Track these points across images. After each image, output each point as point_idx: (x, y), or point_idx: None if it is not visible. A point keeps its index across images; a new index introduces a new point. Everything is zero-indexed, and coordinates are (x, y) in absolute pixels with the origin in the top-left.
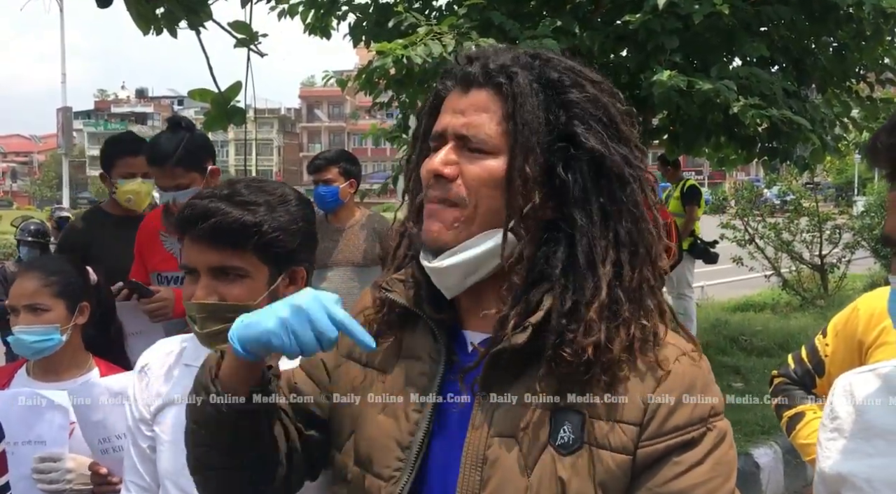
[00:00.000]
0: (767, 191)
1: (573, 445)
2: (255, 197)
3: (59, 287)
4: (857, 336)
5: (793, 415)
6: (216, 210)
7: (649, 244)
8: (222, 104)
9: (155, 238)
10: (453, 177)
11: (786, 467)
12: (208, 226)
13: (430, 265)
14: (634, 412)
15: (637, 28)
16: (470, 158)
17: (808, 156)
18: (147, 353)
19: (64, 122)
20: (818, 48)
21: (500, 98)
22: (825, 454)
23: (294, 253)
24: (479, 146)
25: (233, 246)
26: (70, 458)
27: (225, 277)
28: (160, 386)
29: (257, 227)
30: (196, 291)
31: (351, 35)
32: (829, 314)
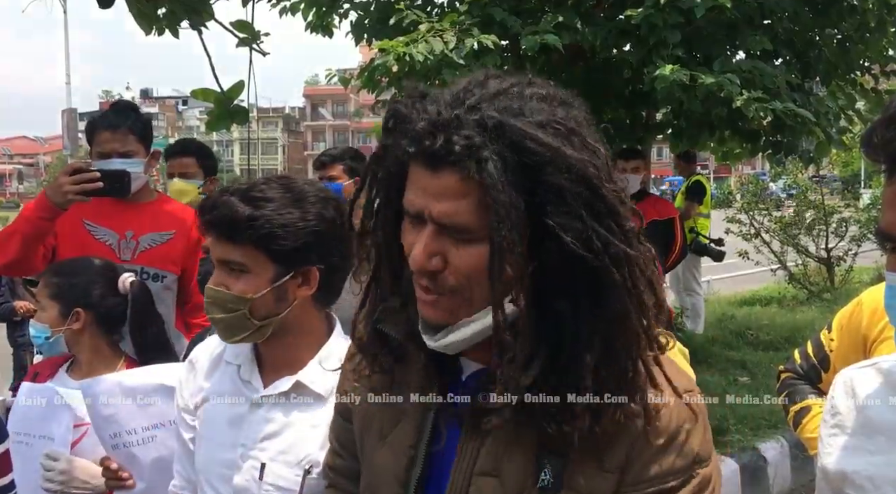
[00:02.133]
0: (773, 184)
1: (552, 489)
2: (270, 192)
3: (54, 289)
4: (861, 330)
5: (799, 410)
6: (224, 202)
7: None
8: (225, 103)
9: (78, 225)
10: (441, 269)
11: (793, 461)
12: (212, 217)
13: (433, 345)
14: (616, 459)
15: (639, 23)
16: (455, 244)
17: (813, 149)
18: (199, 347)
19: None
20: (822, 40)
21: (473, 184)
22: (827, 450)
23: (301, 251)
24: (464, 236)
25: (230, 238)
26: (66, 459)
27: (230, 270)
28: (203, 380)
29: (252, 222)
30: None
31: (353, 33)
32: (835, 307)
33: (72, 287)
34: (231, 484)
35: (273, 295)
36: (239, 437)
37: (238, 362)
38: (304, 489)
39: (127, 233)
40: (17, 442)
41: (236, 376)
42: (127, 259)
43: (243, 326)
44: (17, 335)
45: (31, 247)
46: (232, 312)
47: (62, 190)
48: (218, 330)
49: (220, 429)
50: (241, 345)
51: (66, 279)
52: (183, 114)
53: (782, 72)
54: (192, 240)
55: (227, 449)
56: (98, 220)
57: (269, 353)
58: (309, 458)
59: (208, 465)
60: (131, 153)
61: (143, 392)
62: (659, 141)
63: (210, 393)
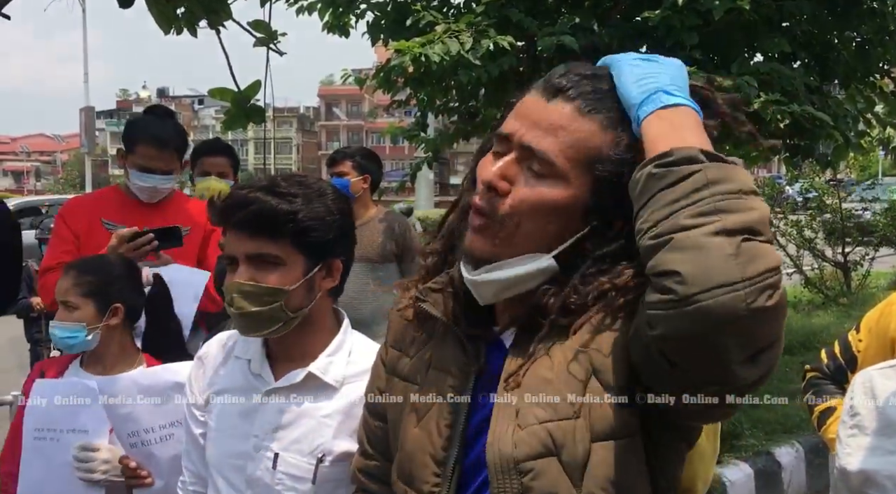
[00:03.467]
0: (789, 188)
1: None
2: (293, 188)
3: (89, 287)
4: (889, 333)
5: (824, 410)
6: (255, 199)
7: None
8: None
9: (97, 224)
10: (505, 192)
11: (808, 466)
12: (247, 213)
13: (468, 277)
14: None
15: (656, 24)
16: (527, 178)
17: (830, 152)
18: (208, 343)
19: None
20: (841, 43)
21: (585, 119)
22: (846, 451)
23: (329, 244)
24: (542, 169)
25: (269, 234)
26: (107, 449)
27: (261, 264)
28: (213, 376)
29: (293, 216)
30: (235, 276)
31: (369, 33)
32: (852, 312)
33: (108, 283)
34: (244, 475)
35: (304, 286)
36: (252, 429)
37: (248, 356)
38: (318, 477)
39: (144, 230)
40: (40, 439)
41: (247, 370)
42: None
43: (277, 318)
44: (34, 331)
45: None
46: (268, 305)
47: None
48: (244, 324)
49: (232, 422)
50: (251, 341)
51: (100, 276)
52: (199, 114)
53: (800, 74)
54: (206, 232)
55: (240, 441)
56: (117, 219)
57: (281, 347)
58: (322, 447)
59: (221, 458)
60: (172, 171)
61: (160, 390)
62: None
63: (221, 388)
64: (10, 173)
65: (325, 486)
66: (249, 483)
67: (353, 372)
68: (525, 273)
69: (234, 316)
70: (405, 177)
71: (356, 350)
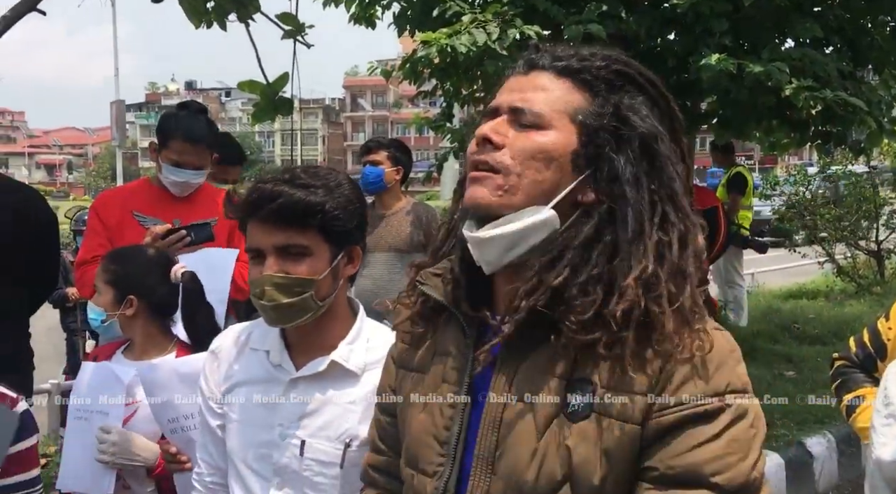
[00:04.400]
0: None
1: (582, 412)
2: (313, 180)
3: (111, 276)
4: None
5: (853, 398)
6: (281, 192)
7: (694, 235)
8: (270, 95)
9: (128, 217)
10: (500, 145)
11: (840, 457)
12: (276, 206)
13: (473, 234)
14: (645, 382)
15: (685, 11)
16: (519, 131)
17: (864, 139)
18: (220, 337)
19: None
20: (874, 28)
21: (562, 78)
22: (881, 440)
23: (352, 232)
24: (532, 120)
25: (298, 225)
26: (118, 432)
27: (290, 255)
28: (229, 368)
29: (321, 207)
30: (264, 269)
31: (395, 24)
32: (885, 301)
33: (127, 275)
34: (270, 463)
35: (331, 274)
36: (276, 418)
37: (266, 348)
38: (345, 461)
39: (174, 222)
40: (77, 418)
41: (266, 361)
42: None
43: (308, 307)
44: (69, 321)
45: None
46: (299, 295)
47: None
48: (276, 316)
49: (255, 413)
50: (268, 331)
51: (122, 267)
52: (226, 106)
53: (833, 60)
54: (232, 222)
55: (265, 431)
56: (147, 211)
57: (301, 336)
58: (348, 432)
59: (245, 448)
60: (204, 166)
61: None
62: (702, 131)
63: (239, 380)
64: (43, 166)
65: (352, 470)
66: (277, 471)
67: (373, 358)
68: (529, 225)
69: (265, 308)
70: (431, 168)
71: (374, 336)
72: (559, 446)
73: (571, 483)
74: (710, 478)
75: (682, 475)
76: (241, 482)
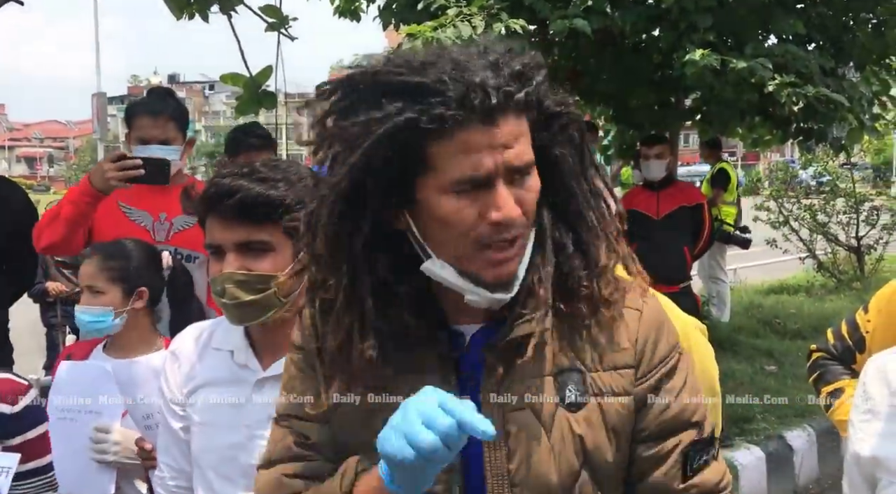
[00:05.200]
0: (803, 171)
1: (580, 401)
2: (273, 174)
3: (115, 272)
4: None
5: (832, 391)
6: (240, 186)
7: (610, 210)
8: (254, 88)
9: (114, 208)
10: (523, 219)
11: (820, 450)
12: (235, 201)
13: (493, 297)
14: (625, 356)
15: (670, 7)
16: (518, 185)
17: (844, 136)
18: (178, 337)
19: (99, 108)
20: (856, 25)
21: (521, 114)
22: (859, 435)
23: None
24: (525, 170)
25: (259, 220)
26: (118, 431)
27: (251, 252)
28: (191, 369)
29: (281, 201)
30: (223, 267)
31: (380, 17)
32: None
33: (133, 268)
34: (237, 465)
35: (294, 271)
36: (242, 419)
37: (229, 347)
38: None
39: (161, 215)
40: (62, 419)
41: (230, 361)
42: (161, 240)
43: (271, 304)
44: (49, 315)
45: (74, 229)
46: (262, 292)
47: (105, 176)
48: (239, 314)
49: (220, 414)
50: (231, 331)
51: (125, 262)
52: (210, 99)
53: (815, 56)
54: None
55: (231, 432)
56: (133, 203)
57: (265, 334)
58: None
59: (211, 450)
60: (170, 140)
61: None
62: (686, 127)
63: (203, 381)
64: (24, 159)
65: None
66: (245, 473)
67: None
68: (527, 251)
69: (228, 306)
70: None
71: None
72: (572, 438)
73: (589, 467)
74: (690, 419)
75: (670, 424)
76: (206, 485)
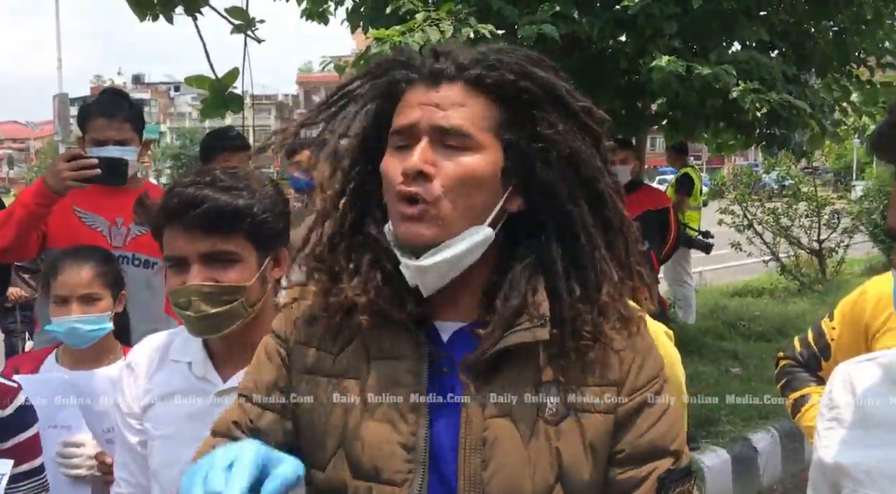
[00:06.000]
0: (766, 176)
1: (560, 414)
2: (236, 182)
3: (108, 277)
4: (863, 320)
5: (798, 397)
6: (206, 196)
7: (634, 235)
8: (220, 91)
9: (69, 213)
10: (433, 176)
11: (783, 451)
12: (202, 212)
13: (414, 263)
14: (610, 375)
15: (636, 13)
16: (447, 155)
17: (806, 142)
18: (134, 350)
19: (60, 109)
20: (818, 32)
21: (476, 92)
22: (823, 443)
23: (279, 234)
24: (459, 142)
25: (226, 230)
26: (92, 444)
27: (218, 263)
28: (148, 382)
29: (249, 210)
30: (188, 278)
31: (348, 21)
32: (827, 299)
33: (117, 272)
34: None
35: (260, 280)
36: (203, 431)
37: (188, 359)
38: None
39: (117, 220)
40: None
41: (188, 373)
42: (118, 245)
43: (238, 315)
44: (8, 321)
45: (27, 233)
46: (229, 304)
47: (61, 176)
48: (203, 326)
49: (180, 427)
50: (189, 342)
51: (113, 265)
52: (175, 101)
53: (778, 63)
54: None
55: (191, 445)
56: (88, 207)
57: (225, 345)
58: None
59: (171, 464)
60: (126, 141)
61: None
62: (653, 132)
63: (161, 394)
64: None
65: None
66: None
67: None
68: (471, 246)
69: (192, 319)
70: None
71: None
72: (549, 450)
73: (563, 483)
74: (669, 447)
75: (648, 450)
76: None
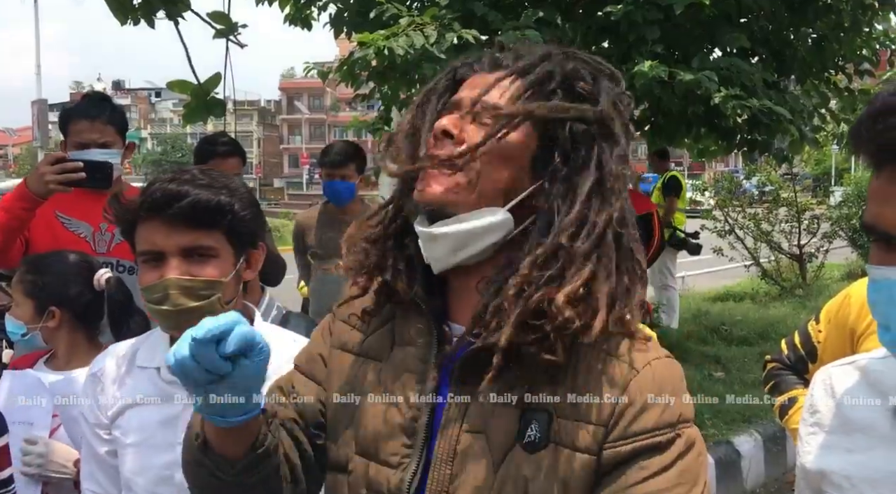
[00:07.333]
0: (747, 181)
1: (539, 443)
2: (215, 181)
3: (29, 287)
4: (848, 323)
5: (786, 401)
6: (188, 191)
7: (639, 250)
8: (201, 96)
9: (51, 218)
10: (460, 138)
11: (766, 454)
12: (186, 205)
13: (424, 229)
14: (601, 412)
15: (619, 19)
16: (479, 126)
17: (786, 147)
18: (99, 358)
19: (39, 115)
20: (797, 39)
21: (522, 82)
22: (806, 449)
23: (255, 233)
24: (492, 118)
25: (207, 226)
26: (45, 443)
27: (196, 257)
28: (115, 391)
29: (230, 207)
30: (165, 272)
31: (332, 25)
32: (807, 303)
33: (45, 285)
34: (173, 484)
35: (235, 277)
36: (176, 437)
37: (155, 365)
38: None
39: (101, 226)
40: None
41: (157, 378)
42: (103, 251)
43: (213, 311)
44: None
45: (9, 239)
46: (206, 298)
47: (44, 179)
48: (179, 321)
49: (151, 434)
50: (156, 348)
51: (40, 276)
52: (156, 106)
53: (759, 69)
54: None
55: (165, 451)
56: (71, 213)
57: None
58: None
59: (144, 471)
60: (109, 143)
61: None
62: (634, 138)
63: (130, 401)
64: None
65: None
66: (182, 490)
67: (273, 366)
68: (484, 225)
69: (167, 313)
70: (369, 172)
71: (273, 344)
72: (517, 478)
73: None
74: None
75: None
76: None
